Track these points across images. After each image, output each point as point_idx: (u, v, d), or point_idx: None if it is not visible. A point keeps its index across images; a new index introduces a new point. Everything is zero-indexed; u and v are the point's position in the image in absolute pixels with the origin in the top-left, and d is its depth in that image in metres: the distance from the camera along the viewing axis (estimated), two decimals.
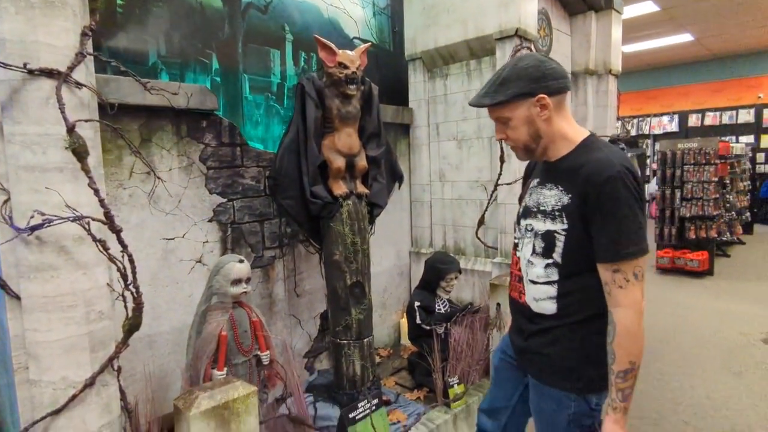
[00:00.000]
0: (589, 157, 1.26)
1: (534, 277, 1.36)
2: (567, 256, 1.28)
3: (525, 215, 1.41)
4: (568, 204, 1.27)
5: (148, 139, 2.17)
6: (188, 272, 2.33)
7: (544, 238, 1.32)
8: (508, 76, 1.30)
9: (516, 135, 1.34)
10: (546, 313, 1.35)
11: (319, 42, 2.22)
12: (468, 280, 3.34)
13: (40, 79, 1.16)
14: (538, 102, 1.28)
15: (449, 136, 3.41)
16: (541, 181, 1.38)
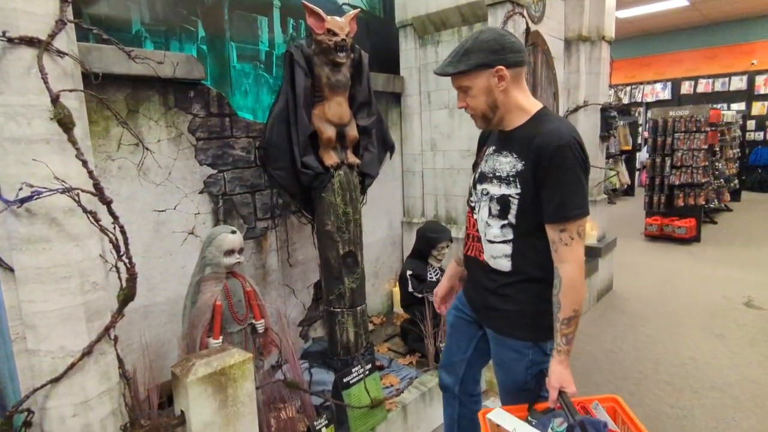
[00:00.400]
0: (541, 127, 1.36)
1: (491, 237, 1.47)
2: (520, 218, 1.41)
3: (481, 180, 1.51)
4: (522, 170, 1.38)
5: (135, 110, 2.14)
6: (181, 244, 2.34)
7: (499, 202, 1.43)
8: (470, 47, 1.38)
9: (475, 104, 1.43)
10: (502, 270, 1.47)
11: (307, 8, 2.17)
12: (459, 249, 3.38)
13: (21, 48, 1.13)
14: (496, 73, 1.37)
15: (441, 104, 3.38)
16: (497, 149, 1.48)
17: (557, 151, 1.29)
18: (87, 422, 1.34)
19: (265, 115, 2.75)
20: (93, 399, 1.34)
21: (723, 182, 7.93)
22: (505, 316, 1.51)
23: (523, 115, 1.42)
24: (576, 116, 4.22)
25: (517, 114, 1.43)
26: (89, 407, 1.34)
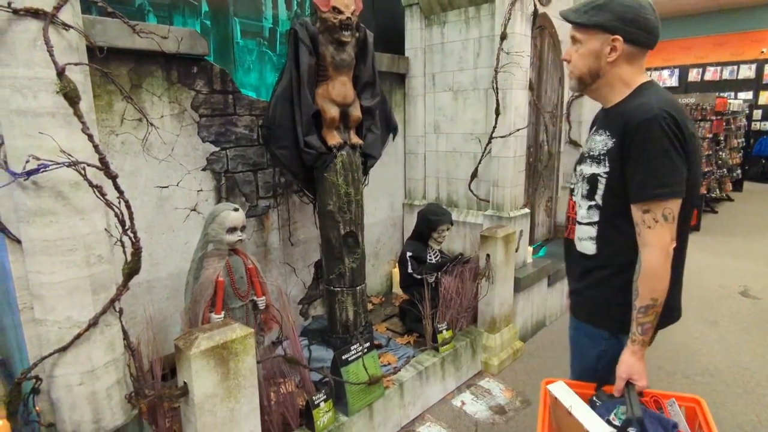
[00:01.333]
0: (633, 102, 1.29)
1: (579, 218, 1.43)
2: (607, 199, 1.33)
3: (579, 161, 1.45)
4: (611, 148, 1.30)
5: (138, 85, 2.13)
6: (183, 220, 2.36)
7: (588, 181, 1.37)
8: (604, 3, 1.30)
9: (579, 62, 1.36)
10: (587, 253, 1.41)
11: None
12: (459, 232, 3.40)
13: (26, 20, 1.13)
14: (612, 42, 1.29)
15: (445, 86, 3.36)
16: (596, 128, 1.42)
17: (642, 124, 1.20)
18: (93, 390, 1.38)
19: (269, 93, 2.74)
20: (99, 368, 1.38)
21: (725, 172, 7.91)
22: (586, 301, 1.46)
23: (625, 90, 1.34)
24: (581, 102, 4.20)
25: (619, 90, 1.34)
26: (95, 376, 1.37)
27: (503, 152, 3.04)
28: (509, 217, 3.07)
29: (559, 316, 3.77)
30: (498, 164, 3.08)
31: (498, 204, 3.13)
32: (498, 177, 3.10)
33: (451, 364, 2.69)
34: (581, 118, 4.23)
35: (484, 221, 3.19)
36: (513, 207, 3.13)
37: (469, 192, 3.29)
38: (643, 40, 1.29)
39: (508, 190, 3.08)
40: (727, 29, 10.47)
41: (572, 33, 1.37)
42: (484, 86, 3.16)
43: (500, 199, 3.11)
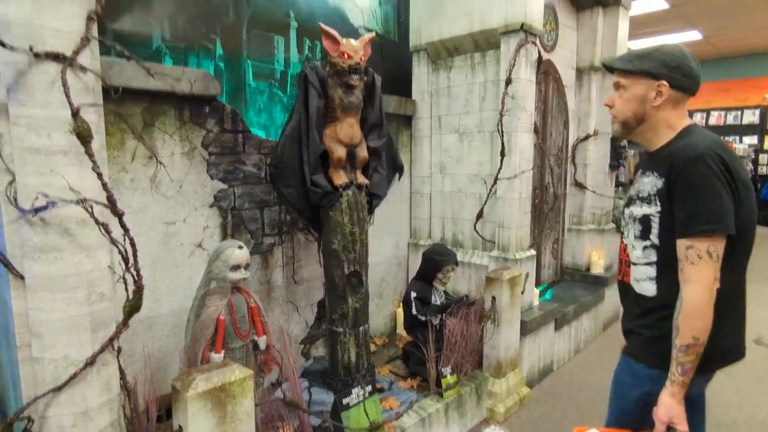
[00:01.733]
0: (680, 142, 1.33)
1: (635, 259, 1.42)
2: (663, 238, 1.33)
3: (628, 204, 1.47)
4: (661, 188, 1.32)
5: (150, 124, 2.18)
6: (188, 256, 2.36)
7: (641, 222, 1.38)
8: (648, 53, 1.37)
9: (623, 107, 1.41)
10: (647, 295, 1.39)
11: (324, 30, 2.22)
12: (465, 273, 3.37)
13: (46, 63, 1.17)
14: (658, 87, 1.35)
15: (451, 129, 3.42)
16: (643, 171, 1.44)
17: (688, 162, 1.24)
18: None
19: (278, 133, 2.80)
20: (93, 410, 1.34)
21: None
22: (639, 338, 1.43)
23: (670, 132, 1.39)
24: (586, 145, 4.24)
25: (664, 133, 1.39)
26: (89, 418, 1.34)
27: (508, 194, 3.05)
28: (515, 258, 3.04)
29: (566, 361, 3.66)
30: (503, 205, 3.09)
31: (503, 245, 3.11)
32: (503, 218, 3.09)
33: (456, 411, 2.60)
34: (586, 161, 4.26)
35: (489, 262, 3.17)
36: (519, 248, 3.11)
37: (475, 233, 3.28)
38: (688, 86, 1.36)
39: (514, 231, 3.07)
40: (729, 75, 10.67)
41: (615, 79, 1.44)
42: (489, 129, 3.21)
43: (506, 240, 3.10)
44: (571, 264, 4.41)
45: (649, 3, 6.99)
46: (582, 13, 4.14)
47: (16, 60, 1.15)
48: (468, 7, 3.12)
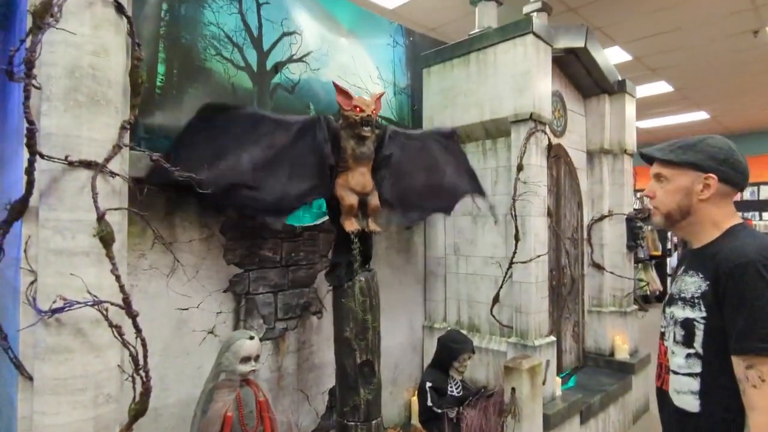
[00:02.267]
0: (726, 244, 1.25)
1: (675, 367, 1.31)
2: (708, 347, 1.23)
3: (669, 303, 1.38)
4: (706, 291, 1.23)
5: (172, 212, 2.26)
6: (199, 343, 2.33)
7: (683, 326, 1.28)
8: (693, 143, 1.33)
9: (666, 199, 1.35)
10: (689, 410, 1.27)
11: (337, 87, 2.35)
12: (482, 360, 3.24)
13: (79, 170, 1.24)
14: (705, 180, 1.29)
15: (465, 211, 3.45)
16: (686, 268, 1.36)
17: (736, 269, 1.16)
18: None
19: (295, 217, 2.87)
20: None
21: None
22: None
23: (715, 231, 1.31)
24: (601, 225, 4.22)
25: (710, 230, 1.31)
26: None
27: (524, 277, 3.01)
28: (534, 345, 2.93)
29: None
30: (520, 289, 3.03)
31: (521, 331, 3.01)
32: (520, 302, 3.02)
33: None
34: (602, 241, 4.22)
35: (507, 349, 3.05)
36: (538, 334, 3.01)
37: (491, 317, 3.20)
38: (736, 180, 1.31)
39: (532, 316, 2.98)
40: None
41: (657, 170, 1.37)
42: (502, 212, 3.24)
43: (524, 325, 3.00)
44: (594, 348, 4.23)
45: (654, 86, 7.26)
46: (589, 100, 4.31)
47: (52, 168, 1.22)
48: (478, 98, 3.28)
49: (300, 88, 3.07)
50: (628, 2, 4.52)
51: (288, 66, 3.02)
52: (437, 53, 3.59)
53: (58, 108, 1.22)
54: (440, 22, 5.01)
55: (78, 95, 1.23)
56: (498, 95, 3.17)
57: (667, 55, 5.98)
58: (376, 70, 3.61)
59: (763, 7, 4.58)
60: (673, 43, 5.54)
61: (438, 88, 3.55)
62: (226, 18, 2.70)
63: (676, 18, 4.85)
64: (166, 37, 2.45)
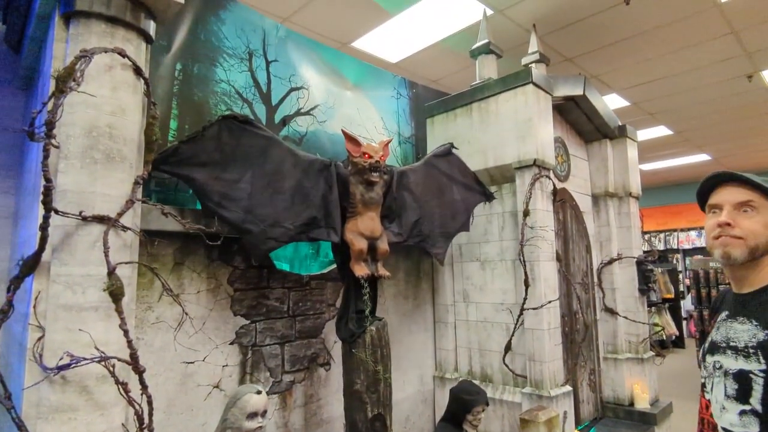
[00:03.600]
0: None
1: (727, 425, 1.19)
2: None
3: (712, 351, 1.27)
4: (764, 341, 1.13)
5: (181, 263, 2.26)
6: (204, 398, 2.27)
7: (737, 379, 1.17)
8: None
9: (753, 228, 1.20)
10: None
11: (346, 134, 2.41)
12: (496, 412, 3.12)
13: (91, 225, 1.26)
14: None
15: (472, 257, 3.43)
16: (732, 314, 1.26)
17: None
18: None
19: (302, 266, 2.87)
20: None
21: None
22: None
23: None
24: (611, 269, 4.17)
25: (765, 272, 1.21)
26: None
27: (537, 324, 2.94)
28: (550, 396, 2.82)
29: None
30: (532, 337, 2.96)
31: (536, 380, 2.91)
32: (534, 351, 2.94)
33: None
34: (614, 285, 4.15)
35: (522, 400, 2.94)
36: (553, 384, 2.90)
37: (504, 366, 3.11)
38: None
39: (546, 365, 2.89)
40: None
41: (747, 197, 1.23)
42: (510, 257, 3.22)
43: (538, 375, 2.91)
44: (612, 398, 4.06)
45: (654, 131, 7.37)
46: (590, 145, 4.38)
47: (66, 223, 1.25)
48: (482, 145, 3.34)
49: (307, 140, 3.15)
50: (622, 51, 4.68)
51: (296, 119, 3.12)
52: (440, 103, 3.70)
53: (75, 165, 1.26)
54: (442, 74, 5.19)
55: (95, 153, 1.27)
56: (501, 143, 3.23)
57: (664, 100, 6.12)
58: (381, 121, 3.71)
59: (755, 54, 4.72)
60: (669, 88, 5.68)
61: (442, 136, 3.63)
62: (236, 75, 2.82)
63: (670, 65, 5.00)
64: (179, 95, 2.55)
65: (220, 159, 2.14)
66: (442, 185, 3.01)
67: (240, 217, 2.18)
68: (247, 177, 2.20)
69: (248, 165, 2.21)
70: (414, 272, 3.47)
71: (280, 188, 2.31)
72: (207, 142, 2.09)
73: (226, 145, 2.14)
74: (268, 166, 2.27)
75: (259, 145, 2.25)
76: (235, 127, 2.17)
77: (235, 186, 2.17)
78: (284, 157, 2.32)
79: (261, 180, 2.24)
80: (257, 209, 2.22)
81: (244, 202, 2.19)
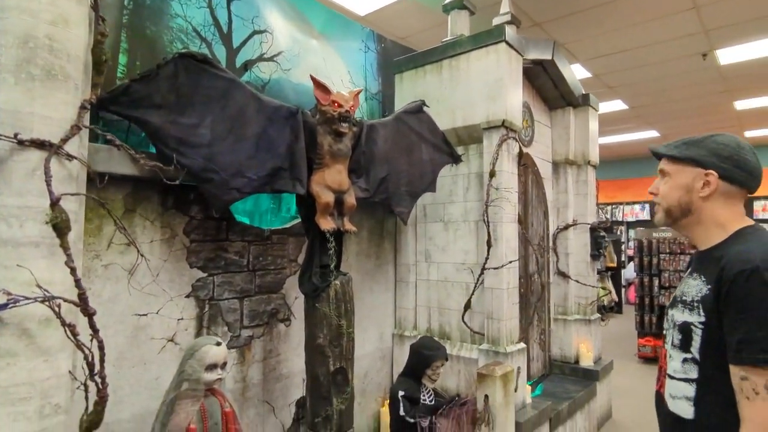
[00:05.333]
0: (732, 247, 1.19)
1: (671, 371, 1.27)
2: (706, 354, 1.18)
3: (672, 305, 1.33)
4: (706, 295, 1.18)
5: (132, 210, 2.10)
6: (158, 352, 2.16)
7: (681, 330, 1.24)
8: (699, 140, 1.29)
9: (667, 194, 1.32)
10: (683, 416, 1.22)
11: (315, 81, 2.27)
12: (453, 367, 3.19)
13: (29, 150, 1.11)
14: (705, 176, 1.25)
15: (436, 217, 3.43)
16: (691, 271, 1.32)
17: (740, 275, 1.10)
18: None
19: (262, 220, 2.75)
20: None
21: None
22: None
23: (721, 233, 1.25)
24: (566, 234, 4.31)
25: (715, 231, 1.26)
26: None
27: (496, 284, 3.00)
28: (506, 352, 2.91)
29: None
30: (491, 296, 3.01)
31: (493, 338, 2.99)
32: (492, 309, 3.01)
33: None
34: (567, 250, 4.30)
35: (479, 356, 3.02)
36: (509, 341, 2.99)
37: (463, 324, 3.16)
38: (741, 179, 1.24)
39: (504, 323, 2.97)
40: None
41: (661, 167, 1.35)
42: (474, 218, 3.23)
43: (495, 332, 2.98)
44: (559, 356, 4.27)
45: (611, 104, 7.59)
46: (554, 112, 4.42)
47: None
48: (451, 104, 3.28)
49: (270, 88, 2.97)
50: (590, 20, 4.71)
51: (258, 65, 2.93)
52: (410, 59, 3.59)
53: (8, 81, 1.09)
54: (410, 31, 5.04)
55: (32, 68, 1.11)
56: (470, 102, 3.18)
57: (623, 74, 6.27)
58: (348, 75, 3.56)
59: (712, 32, 4.87)
60: (630, 62, 5.81)
61: (410, 94, 3.54)
62: (194, 11, 2.59)
63: (633, 37, 5.09)
64: (129, 27, 2.31)
65: (177, 101, 1.95)
66: (411, 143, 2.94)
67: (200, 165, 2.03)
68: (206, 122, 2.04)
69: (208, 109, 2.04)
70: (377, 231, 3.43)
71: (243, 135, 2.15)
72: (162, 82, 1.89)
73: (183, 86, 1.96)
74: (229, 110, 2.10)
75: (220, 88, 2.07)
76: (193, 66, 1.99)
77: (193, 131, 2.00)
78: (247, 101, 2.16)
79: (222, 125, 2.08)
80: (218, 157, 2.07)
81: (204, 149, 2.03)
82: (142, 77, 1.84)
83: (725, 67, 5.93)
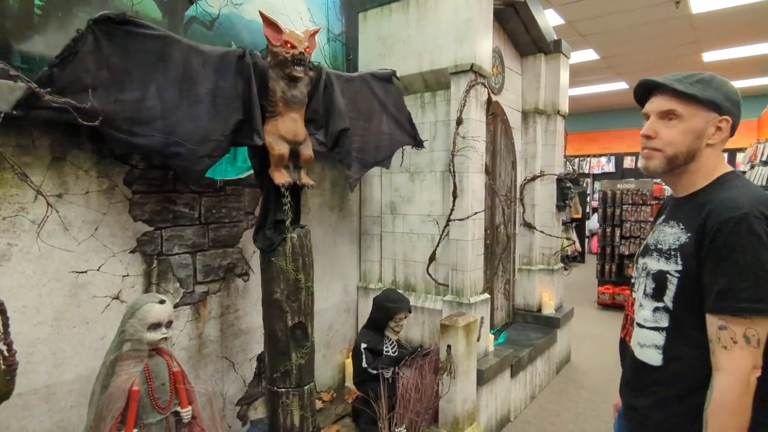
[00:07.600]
0: (717, 194, 1.13)
1: (641, 320, 1.24)
2: (679, 303, 1.14)
3: (643, 253, 1.28)
4: (686, 243, 1.13)
5: (60, 158, 1.89)
6: (102, 311, 2.03)
7: (655, 279, 1.19)
8: (709, 79, 1.16)
9: (675, 139, 1.17)
10: (650, 364, 1.20)
11: (265, 18, 2.02)
12: (417, 318, 3.19)
13: None
14: (720, 122, 1.15)
15: (401, 168, 3.31)
16: (666, 219, 1.26)
17: (727, 223, 1.05)
18: None
19: (215, 171, 2.57)
20: None
21: None
22: (648, 424, 1.20)
23: (704, 179, 1.18)
24: (533, 185, 4.28)
25: (698, 177, 1.19)
26: None
27: (461, 235, 2.95)
28: (469, 302, 2.90)
29: (523, 409, 3.52)
30: (456, 247, 2.97)
31: (457, 289, 2.97)
32: (456, 260, 2.97)
33: None
34: (534, 201, 4.29)
35: (443, 307, 3.01)
36: (473, 292, 2.99)
37: (427, 275, 3.13)
38: (737, 123, 1.18)
39: (468, 274, 2.94)
40: None
41: (670, 106, 1.17)
42: (440, 168, 3.13)
43: (459, 283, 2.96)
44: (522, 305, 4.36)
45: (582, 54, 7.46)
46: (525, 59, 4.27)
47: None
48: (418, 46, 3.09)
49: (220, 25, 2.70)
50: None
51: None
52: None
53: None
54: None
55: None
56: (438, 44, 3.00)
57: (596, 21, 6.11)
58: (308, 13, 3.28)
59: None
60: (603, 8, 5.65)
61: (375, 35, 3.31)
62: None
63: None
64: None
65: (112, 77, 1.70)
66: (373, 110, 2.69)
67: (160, 141, 1.82)
68: (151, 92, 1.80)
69: (149, 77, 1.79)
70: (341, 182, 3.29)
71: (197, 96, 1.92)
72: (86, 59, 1.63)
73: (111, 57, 1.70)
74: (172, 72, 1.85)
75: (154, 49, 1.80)
76: (116, 31, 1.71)
77: (140, 106, 1.77)
78: (188, 56, 1.90)
79: (170, 92, 1.85)
80: (177, 127, 1.86)
81: (158, 122, 1.81)
82: (62, 60, 1.58)
83: (697, 17, 5.84)
